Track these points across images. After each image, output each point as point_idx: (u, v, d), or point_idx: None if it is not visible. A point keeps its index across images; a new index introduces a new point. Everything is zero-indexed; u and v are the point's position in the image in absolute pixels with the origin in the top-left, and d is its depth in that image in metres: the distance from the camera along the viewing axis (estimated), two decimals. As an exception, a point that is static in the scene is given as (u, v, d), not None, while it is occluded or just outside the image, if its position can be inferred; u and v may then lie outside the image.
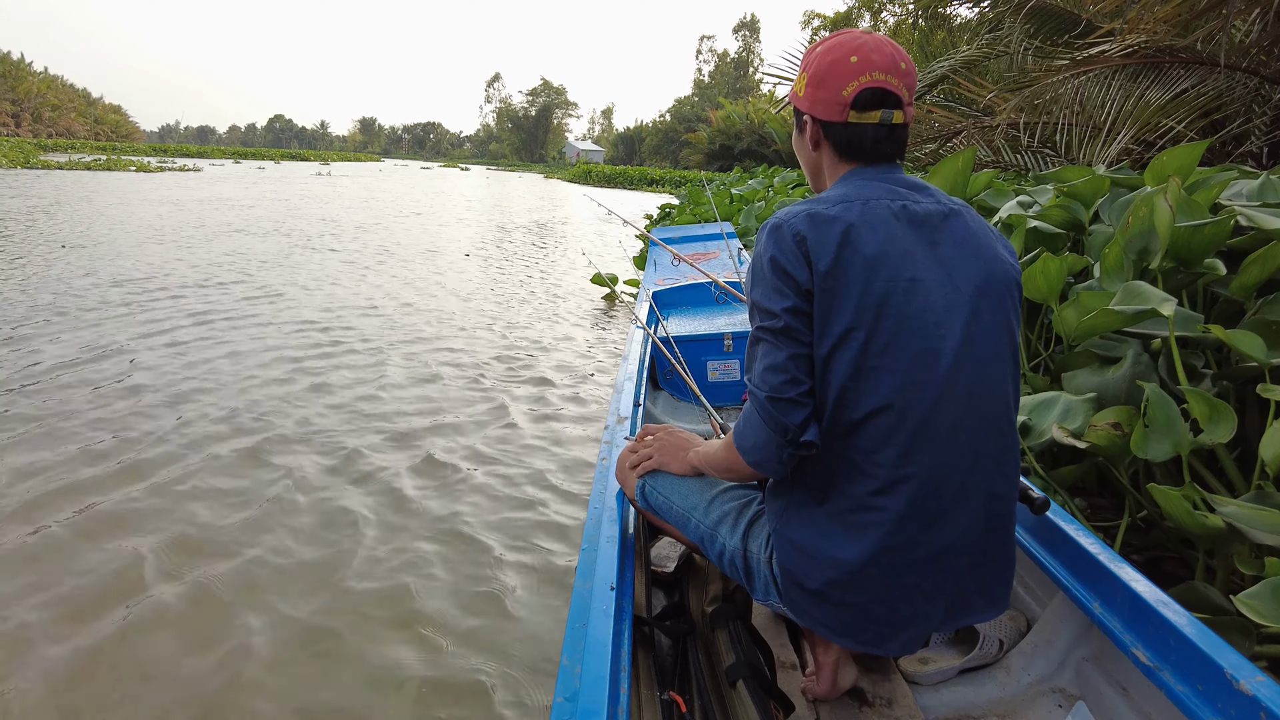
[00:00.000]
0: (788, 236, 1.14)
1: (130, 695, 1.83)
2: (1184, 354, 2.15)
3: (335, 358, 4.73)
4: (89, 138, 75.87)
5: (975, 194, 3.80)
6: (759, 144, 35.34)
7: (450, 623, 2.14)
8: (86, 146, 52.46)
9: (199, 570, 2.34)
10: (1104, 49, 5.42)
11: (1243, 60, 5.07)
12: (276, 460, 3.15)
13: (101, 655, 1.97)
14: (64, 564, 2.35)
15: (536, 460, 3.29)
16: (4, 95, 70.10)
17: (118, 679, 1.88)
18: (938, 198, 1.23)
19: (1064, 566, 1.46)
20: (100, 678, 1.89)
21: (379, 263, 8.99)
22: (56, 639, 2.02)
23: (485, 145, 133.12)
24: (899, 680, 1.45)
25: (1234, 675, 1.06)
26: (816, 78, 1.23)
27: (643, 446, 1.59)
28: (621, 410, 2.23)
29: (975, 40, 8.40)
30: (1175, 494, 1.61)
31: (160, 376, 4.18)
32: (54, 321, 5.28)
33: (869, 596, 1.16)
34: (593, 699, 1.04)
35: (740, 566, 1.36)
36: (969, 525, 1.15)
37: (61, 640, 2.01)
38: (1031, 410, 2.14)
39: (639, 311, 3.77)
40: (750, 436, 1.16)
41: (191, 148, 75.71)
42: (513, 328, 5.82)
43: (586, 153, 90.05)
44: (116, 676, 1.89)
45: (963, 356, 1.13)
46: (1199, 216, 2.22)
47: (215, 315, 5.70)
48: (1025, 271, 2.43)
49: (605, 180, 40.57)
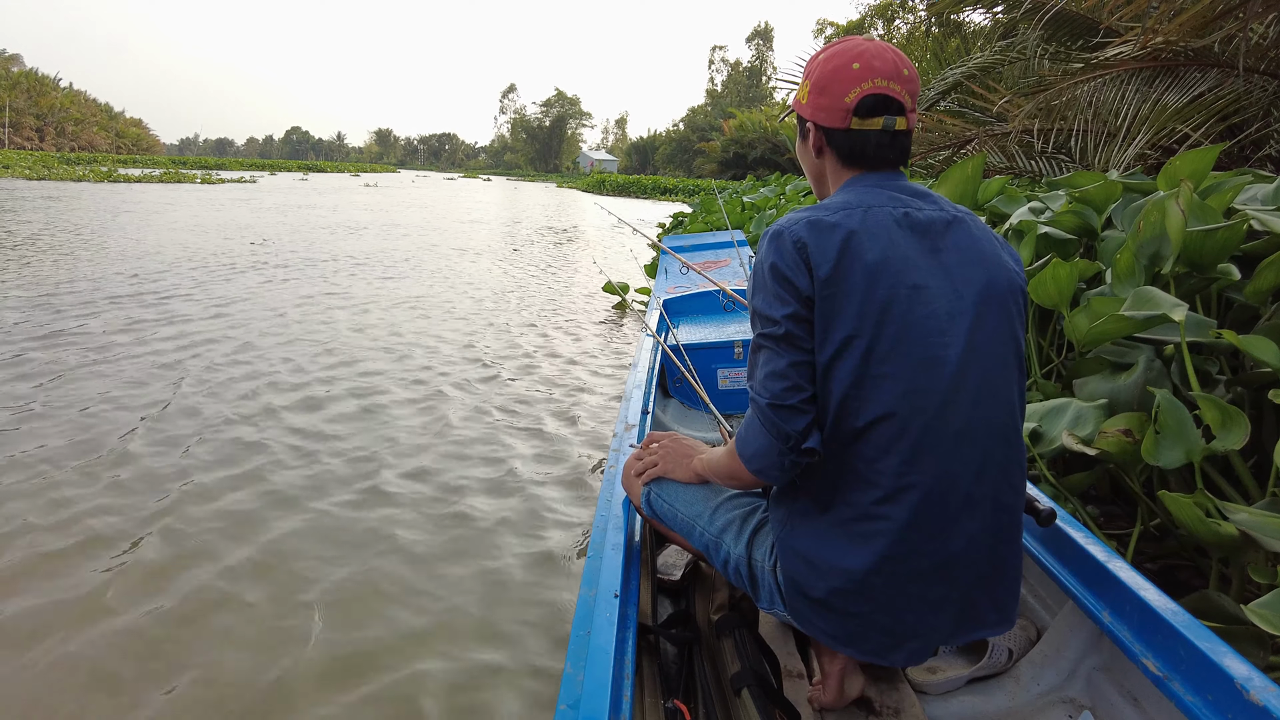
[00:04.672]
0: (788, 243, 1.14)
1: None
2: (1197, 360, 2.12)
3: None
4: (110, 151, 77.00)
5: (987, 200, 3.78)
6: (772, 152, 35.37)
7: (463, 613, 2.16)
8: (108, 159, 53.47)
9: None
10: (1120, 52, 5.38)
11: (1261, 63, 5.01)
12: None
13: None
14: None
15: (544, 468, 3.30)
16: (28, 110, 71.42)
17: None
18: (940, 205, 1.23)
19: (1073, 575, 1.44)
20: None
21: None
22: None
23: (500, 156, 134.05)
24: (906, 689, 1.44)
25: (1244, 685, 1.05)
26: (819, 85, 1.23)
27: (648, 454, 1.59)
28: (630, 418, 2.24)
29: (989, 47, 8.37)
30: (1187, 501, 1.59)
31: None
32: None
33: (874, 606, 1.15)
34: (594, 706, 1.04)
35: (745, 574, 1.35)
36: (975, 535, 1.14)
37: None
38: (1042, 417, 2.12)
39: (649, 319, 3.78)
40: (752, 444, 1.16)
41: (210, 160, 76.83)
42: (524, 334, 5.86)
43: (600, 162, 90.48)
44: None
45: (966, 364, 1.12)
46: (1212, 221, 2.19)
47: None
48: (1036, 278, 2.42)
49: (618, 190, 40.68)
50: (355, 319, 6.24)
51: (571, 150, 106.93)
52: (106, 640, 2.05)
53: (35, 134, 71.48)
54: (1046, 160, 6.18)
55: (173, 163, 60.77)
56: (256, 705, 1.84)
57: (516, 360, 5.14)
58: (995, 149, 6.65)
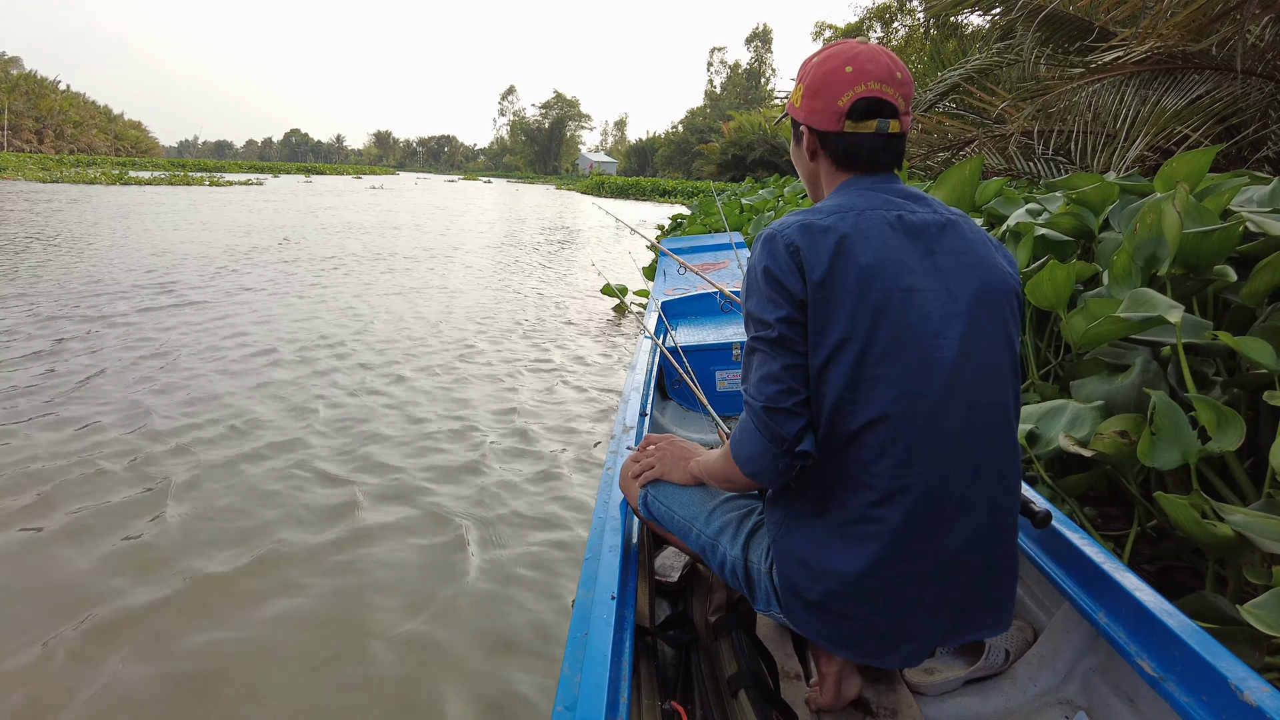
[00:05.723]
0: (781, 246, 1.14)
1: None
2: (1194, 361, 2.13)
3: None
4: (110, 153, 77.01)
5: (985, 202, 3.79)
6: (771, 154, 35.42)
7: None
8: (107, 161, 53.53)
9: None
10: (1117, 56, 5.38)
11: (1259, 65, 5.01)
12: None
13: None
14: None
15: (542, 469, 3.30)
16: (28, 112, 71.40)
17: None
18: (935, 208, 1.23)
19: (1070, 577, 1.45)
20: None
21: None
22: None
23: (499, 158, 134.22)
24: (904, 691, 1.44)
25: (1239, 686, 1.05)
26: (812, 88, 1.24)
27: (645, 456, 1.60)
28: (628, 420, 2.24)
29: (987, 49, 8.38)
30: (1183, 502, 1.59)
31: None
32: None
33: (870, 609, 1.15)
34: (592, 707, 1.04)
35: (741, 577, 1.36)
36: (971, 538, 1.14)
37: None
38: (1039, 418, 2.12)
39: (647, 321, 3.78)
40: (747, 447, 1.16)
41: (210, 162, 76.75)
42: (523, 334, 5.86)
43: (599, 164, 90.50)
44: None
45: (961, 367, 1.12)
46: (1208, 222, 2.20)
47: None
48: (1033, 279, 2.42)
49: (617, 191, 40.69)
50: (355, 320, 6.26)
51: (571, 152, 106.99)
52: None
53: (34, 136, 71.42)
54: (1046, 163, 6.18)
55: (171, 165, 60.80)
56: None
57: (516, 361, 5.14)
58: (994, 151, 6.66)
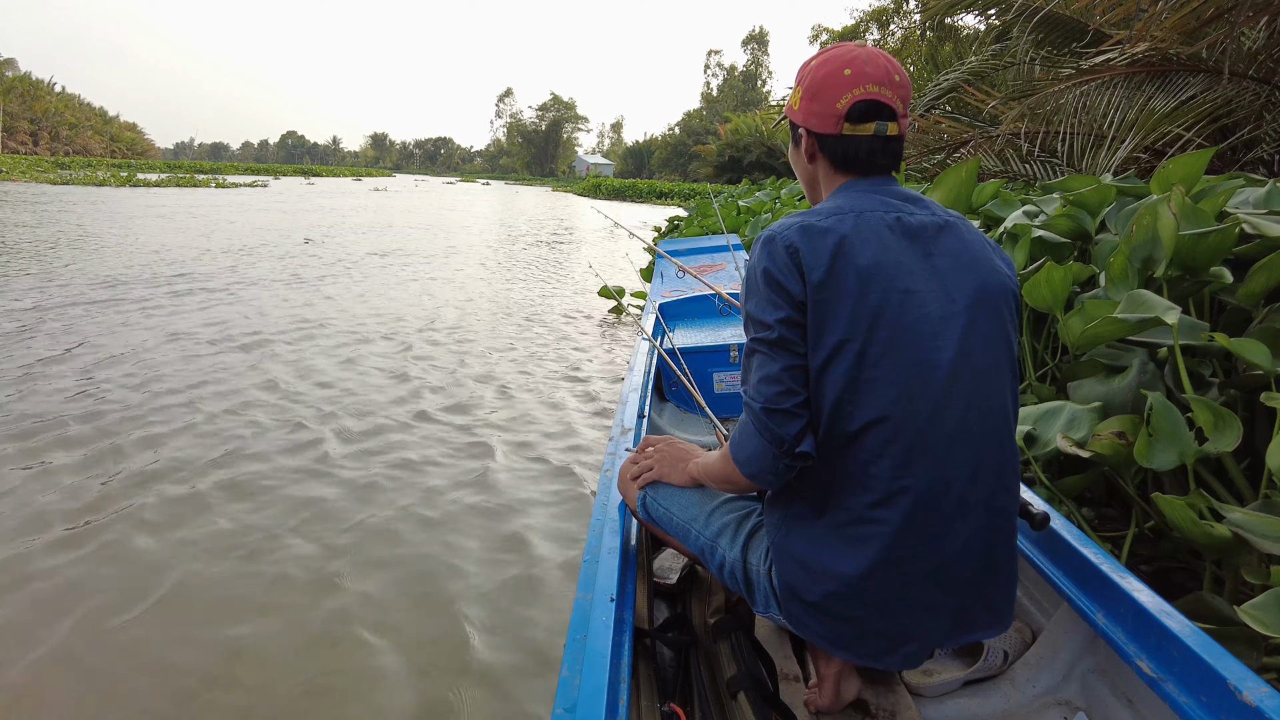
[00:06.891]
0: (780, 248, 1.14)
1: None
2: (1191, 362, 2.13)
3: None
4: (106, 155, 76.84)
5: (981, 204, 3.80)
6: (768, 156, 35.47)
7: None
8: (103, 163, 53.50)
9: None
10: (1109, 58, 5.40)
11: (1250, 68, 5.04)
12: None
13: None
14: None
15: (539, 471, 3.30)
16: (23, 114, 71.18)
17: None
18: (932, 209, 1.23)
19: (1068, 577, 1.45)
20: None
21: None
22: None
23: (496, 160, 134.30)
24: (903, 692, 1.44)
25: (1237, 686, 1.05)
26: (811, 91, 1.24)
27: (643, 458, 1.60)
28: (625, 421, 2.24)
29: (982, 51, 8.41)
30: (1180, 503, 1.60)
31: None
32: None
33: (869, 610, 1.16)
34: (591, 709, 1.04)
35: (740, 578, 1.35)
36: (970, 538, 1.14)
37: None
38: (1037, 420, 2.13)
39: (645, 323, 3.78)
40: (746, 448, 1.16)
41: (208, 164, 76.59)
42: (523, 334, 5.86)
43: (596, 166, 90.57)
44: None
45: (959, 368, 1.12)
46: (1204, 224, 2.20)
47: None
48: (1031, 281, 2.43)
49: (614, 193, 40.69)
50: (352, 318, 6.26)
51: (567, 154, 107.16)
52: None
53: (30, 138, 71.17)
54: (1039, 164, 6.21)
55: (169, 166, 60.71)
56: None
57: (514, 361, 5.14)
58: (990, 152, 6.68)
